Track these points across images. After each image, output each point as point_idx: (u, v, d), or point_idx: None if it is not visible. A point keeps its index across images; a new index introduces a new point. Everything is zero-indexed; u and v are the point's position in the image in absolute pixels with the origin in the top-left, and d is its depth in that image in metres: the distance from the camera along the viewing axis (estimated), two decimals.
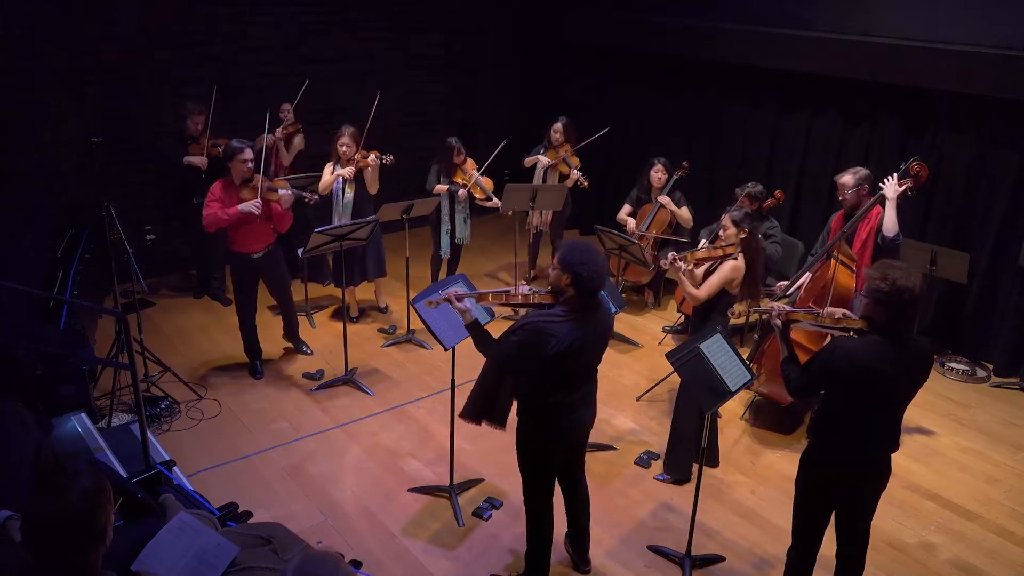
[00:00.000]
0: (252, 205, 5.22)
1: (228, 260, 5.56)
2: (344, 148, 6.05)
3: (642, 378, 5.94)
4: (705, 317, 4.58)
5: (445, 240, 6.71)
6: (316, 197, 5.76)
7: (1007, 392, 5.93)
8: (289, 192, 5.46)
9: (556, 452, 3.66)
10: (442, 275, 6.82)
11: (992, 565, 4.20)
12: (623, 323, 6.76)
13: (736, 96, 7.50)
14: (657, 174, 6.61)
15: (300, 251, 5.69)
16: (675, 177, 6.65)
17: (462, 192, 6.44)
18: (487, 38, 9.04)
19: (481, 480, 4.73)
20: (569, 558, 4.11)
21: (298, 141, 6.77)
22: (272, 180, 5.56)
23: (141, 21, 6.78)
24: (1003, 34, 5.58)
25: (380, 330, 6.58)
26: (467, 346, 4.31)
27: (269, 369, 5.88)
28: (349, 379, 5.72)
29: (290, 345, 6.16)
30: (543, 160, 6.93)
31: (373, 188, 6.20)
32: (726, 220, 4.55)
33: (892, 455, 3.32)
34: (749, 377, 3.82)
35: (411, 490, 4.63)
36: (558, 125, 6.86)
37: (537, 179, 6.96)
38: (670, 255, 4.69)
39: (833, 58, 6.41)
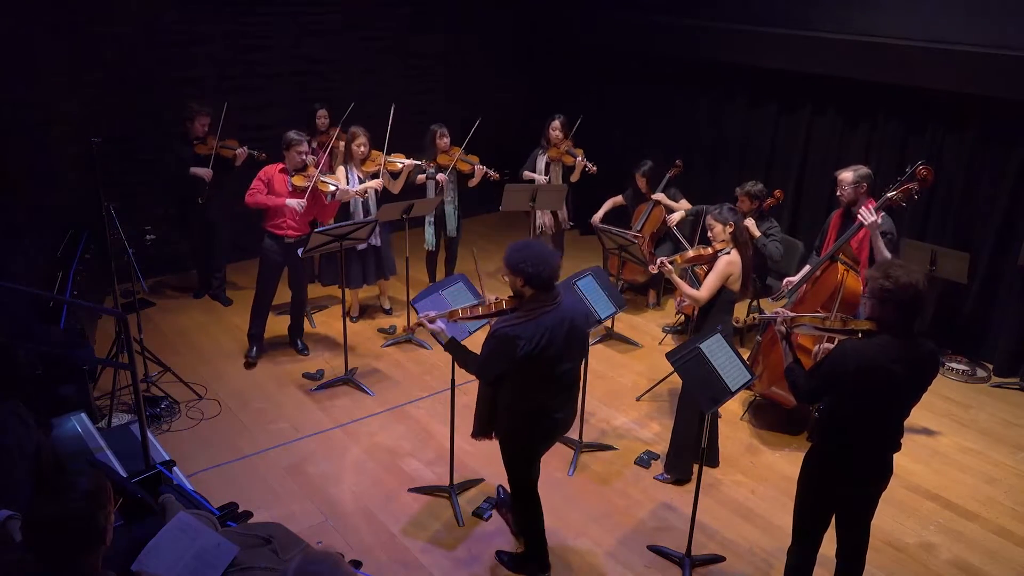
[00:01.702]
0: (297, 203, 5.57)
1: (258, 241, 5.80)
2: (362, 148, 6.11)
3: (642, 378, 5.94)
4: (709, 316, 4.58)
5: (429, 231, 6.70)
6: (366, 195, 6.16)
7: (1007, 392, 5.93)
8: (351, 190, 5.85)
9: (538, 451, 3.81)
10: (440, 276, 6.81)
11: (992, 565, 4.20)
12: (623, 323, 6.76)
13: (736, 96, 7.50)
14: (640, 180, 6.74)
15: (300, 251, 5.69)
16: (668, 176, 6.69)
17: (441, 176, 6.42)
18: (487, 38, 9.04)
19: (481, 480, 4.73)
20: (556, 548, 4.15)
21: (342, 147, 6.79)
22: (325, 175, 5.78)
23: (141, 19, 6.78)
24: (1003, 34, 5.58)
25: (380, 330, 6.58)
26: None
27: (269, 369, 5.88)
28: (349, 379, 5.72)
29: (290, 346, 6.17)
30: (542, 161, 6.94)
31: (396, 189, 6.31)
32: (710, 220, 4.57)
33: (893, 455, 3.32)
34: (749, 377, 3.83)
35: (411, 490, 4.63)
36: (555, 123, 6.88)
37: (540, 177, 6.94)
38: (658, 260, 4.71)
39: (833, 58, 6.41)
